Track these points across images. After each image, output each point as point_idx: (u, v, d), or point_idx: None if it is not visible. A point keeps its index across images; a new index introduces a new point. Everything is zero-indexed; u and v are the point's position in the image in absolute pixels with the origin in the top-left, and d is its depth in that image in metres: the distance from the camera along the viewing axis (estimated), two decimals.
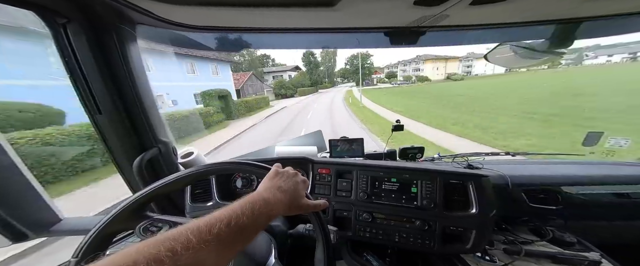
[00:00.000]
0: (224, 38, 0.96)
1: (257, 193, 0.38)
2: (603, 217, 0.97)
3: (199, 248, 0.24)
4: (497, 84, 27.07)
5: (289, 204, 0.40)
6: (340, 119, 10.34)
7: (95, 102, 0.72)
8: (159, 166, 0.95)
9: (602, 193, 0.99)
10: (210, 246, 0.25)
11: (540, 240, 0.84)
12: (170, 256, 0.21)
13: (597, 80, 21.52)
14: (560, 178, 1.02)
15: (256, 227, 0.33)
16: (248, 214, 0.31)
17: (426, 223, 0.76)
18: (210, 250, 0.25)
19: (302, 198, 0.44)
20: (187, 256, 0.22)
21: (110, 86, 0.73)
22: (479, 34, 0.91)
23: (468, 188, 0.76)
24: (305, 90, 41.02)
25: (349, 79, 70.58)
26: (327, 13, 0.66)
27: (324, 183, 0.90)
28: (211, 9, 0.62)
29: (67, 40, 0.62)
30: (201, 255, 0.24)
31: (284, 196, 0.40)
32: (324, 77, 61.09)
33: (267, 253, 0.55)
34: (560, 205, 0.97)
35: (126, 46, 0.73)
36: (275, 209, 0.37)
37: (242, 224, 0.30)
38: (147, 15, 0.65)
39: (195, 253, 0.23)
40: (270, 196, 0.38)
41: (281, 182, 0.43)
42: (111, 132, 0.79)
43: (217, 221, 0.28)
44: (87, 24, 0.63)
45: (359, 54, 45.37)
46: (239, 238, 0.29)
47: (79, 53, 0.65)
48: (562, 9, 0.70)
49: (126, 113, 0.79)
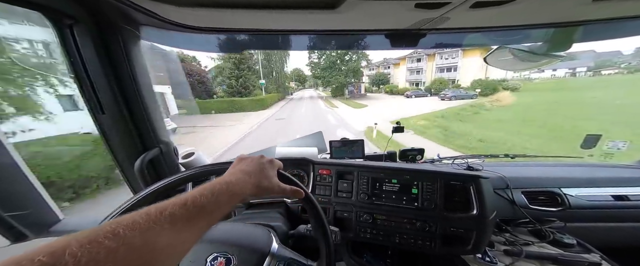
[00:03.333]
0: (226, 39, 0.97)
1: (219, 177, 0.39)
2: (602, 219, 0.97)
3: (147, 228, 0.23)
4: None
5: (255, 184, 0.41)
6: None
7: (99, 102, 0.72)
8: (160, 166, 0.95)
9: (601, 195, 1.00)
10: (162, 226, 0.25)
11: (541, 241, 0.84)
12: (110, 238, 0.21)
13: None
14: (559, 180, 1.03)
15: (218, 206, 0.33)
16: (207, 195, 0.32)
17: (427, 224, 0.76)
18: (162, 229, 0.25)
19: (270, 179, 0.44)
20: (132, 236, 0.22)
21: (113, 86, 0.73)
22: (478, 36, 0.92)
23: (469, 189, 0.77)
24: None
25: (320, 83, 35.73)
26: (329, 15, 0.67)
27: (324, 184, 0.90)
28: (214, 10, 0.63)
29: (74, 40, 0.63)
30: (149, 235, 0.23)
31: (249, 177, 0.41)
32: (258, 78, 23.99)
33: (268, 242, 0.56)
34: (560, 207, 0.98)
35: (130, 47, 0.74)
36: (238, 189, 0.37)
37: (199, 204, 0.30)
38: (152, 16, 0.66)
39: (142, 233, 0.23)
40: (231, 178, 0.39)
41: (244, 166, 0.44)
42: (114, 132, 0.80)
43: (170, 203, 0.28)
44: (93, 25, 0.64)
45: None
46: (199, 217, 0.30)
47: (84, 53, 0.65)
48: (560, 12, 0.71)
49: (129, 114, 0.80)
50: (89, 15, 0.62)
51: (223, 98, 20.06)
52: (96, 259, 0.19)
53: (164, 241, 0.24)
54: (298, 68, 69.93)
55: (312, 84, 76.69)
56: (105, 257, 0.19)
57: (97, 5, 0.61)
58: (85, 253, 0.19)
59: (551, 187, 1.01)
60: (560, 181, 1.03)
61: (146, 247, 0.23)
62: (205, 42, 0.97)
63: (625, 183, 1.02)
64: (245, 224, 0.67)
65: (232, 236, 0.57)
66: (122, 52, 0.72)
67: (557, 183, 1.02)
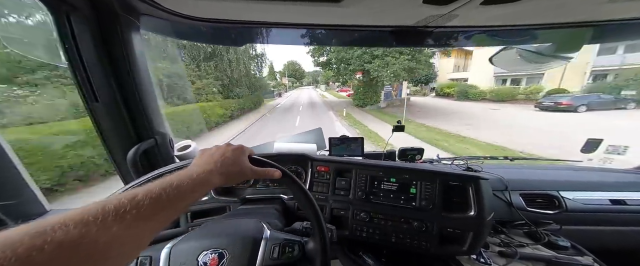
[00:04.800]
0: (227, 31, 0.94)
1: (183, 170, 0.39)
2: (598, 222, 0.98)
3: (82, 223, 0.23)
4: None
5: (222, 172, 0.41)
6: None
7: (93, 90, 0.70)
8: (155, 158, 0.94)
9: (599, 199, 1.00)
10: (104, 221, 0.24)
11: (535, 243, 0.85)
12: (34, 235, 0.20)
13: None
14: (558, 184, 1.03)
15: (181, 197, 0.33)
16: (166, 187, 0.32)
17: (424, 224, 0.76)
18: (102, 223, 0.24)
19: (240, 164, 0.44)
20: (63, 233, 0.21)
21: (109, 75, 0.71)
22: (485, 35, 0.90)
23: (467, 190, 0.76)
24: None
25: (332, 78, 21.59)
26: (333, 9, 0.64)
27: (322, 181, 0.90)
28: (216, 1, 0.60)
29: (70, 27, 0.61)
30: (86, 230, 0.22)
31: (214, 166, 0.41)
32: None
33: (260, 230, 0.56)
34: (557, 210, 0.98)
35: (129, 36, 0.72)
36: (202, 179, 0.38)
37: (154, 196, 0.30)
38: (153, 5, 0.64)
39: (75, 229, 0.22)
40: (194, 168, 0.39)
41: (207, 157, 0.44)
42: (107, 121, 0.78)
43: (116, 198, 0.27)
44: (91, 13, 0.62)
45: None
46: (153, 210, 0.29)
47: (80, 41, 0.63)
48: (574, 12, 0.69)
49: (124, 103, 0.78)
50: (88, 3, 0.60)
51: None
52: (19, 260, 0.18)
53: (104, 237, 0.23)
54: (293, 61, 54.10)
55: (311, 81, 61.25)
56: (28, 256, 0.18)
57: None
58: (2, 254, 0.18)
59: (549, 189, 1.01)
60: (558, 184, 1.03)
61: (80, 244, 0.21)
62: (205, 33, 0.95)
63: (623, 188, 1.02)
64: (235, 219, 0.67)
65: (222, 231, 0.56)
66: (120, 40, 0.70)
67: (556, 186, 1.02)
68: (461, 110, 13.38)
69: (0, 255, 0.18)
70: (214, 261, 0.48)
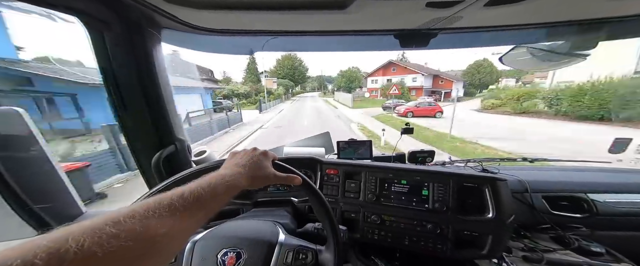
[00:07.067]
0: (237, 41, 1.01)
1: (214, 171, 0.41)
2: (635, 228, 0.89)
3: (146, 217, 0.25)
4: None
5: (250, 175, 0.43)
6: None
7: (123, 100, 0.77)
8: (175, 163, 0.99)
9: (634, 201, 0.92)
10: (161, 214, 0.27)
11: (564, 249, 0.79)
12: (111, 225, 0.22)
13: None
14: (585, 185, 0.96)
15: (215, 197, 0.35)
16: (204, 187, 0.34)
17: (438, 227, 0.74)
18: (160, 217, 0.27)
19: (264, 169, 0.46)
20: (132, 223, 0.24)
21: (136, 85, 0.78)
22: (493, 35, 0.90)
23: (484, 191, 0.74)
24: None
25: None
26: (338, 16, 0.68)
27: (332, 184, 0.90)
28: (228, 12, 0.66)
29: (103, 43, 0.68)
30: (148, 222, 0.25)
31: (243, 169, 0.43)
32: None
33: (275, 234, 0.58)
34: (586, 213, 0.91)
35: (153, 48, 0.79)
36: (233, 181, 0.39)
37: (196, 194, 0.32)
38: (172, 19, 0.70)
39: (141, 221, 0.25)
40: (226, 171, 0.41)
41: (237, 159, 0.46)
42: (134, 129, 0.85)
43: (168, 195, 0.30)
44: (122, 29, 0.69)
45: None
46: (196, 207, 0.31)
47: (112, 55, 0.71)
48: (581, 9, 0.68)
49: (149, 111, 0.85)
50: (118, 19, 0.67)
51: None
52: (99, 243, 0.20)
53: (163, 229, 0.26)
54: (291, 55, 37.07)
55: (315, 87, 48.02)
56: (108, 241, 0.21)
57: (126, 11, 0.66)
58: (88, 238, 0.20)
59: (575, 191, 0.95)
60: (586, 186, 0.96)
61: (146, 233, 0.24)
62: (220, 44, 1.02)
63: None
64: (252, 220, 0.68)
65: (240, 232, 0.58)
66: (145, 53, 0.77)
67: (583, 187, 0.95)
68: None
69: (96, 238, 0.21)
70: (232, 260, 0.50)
